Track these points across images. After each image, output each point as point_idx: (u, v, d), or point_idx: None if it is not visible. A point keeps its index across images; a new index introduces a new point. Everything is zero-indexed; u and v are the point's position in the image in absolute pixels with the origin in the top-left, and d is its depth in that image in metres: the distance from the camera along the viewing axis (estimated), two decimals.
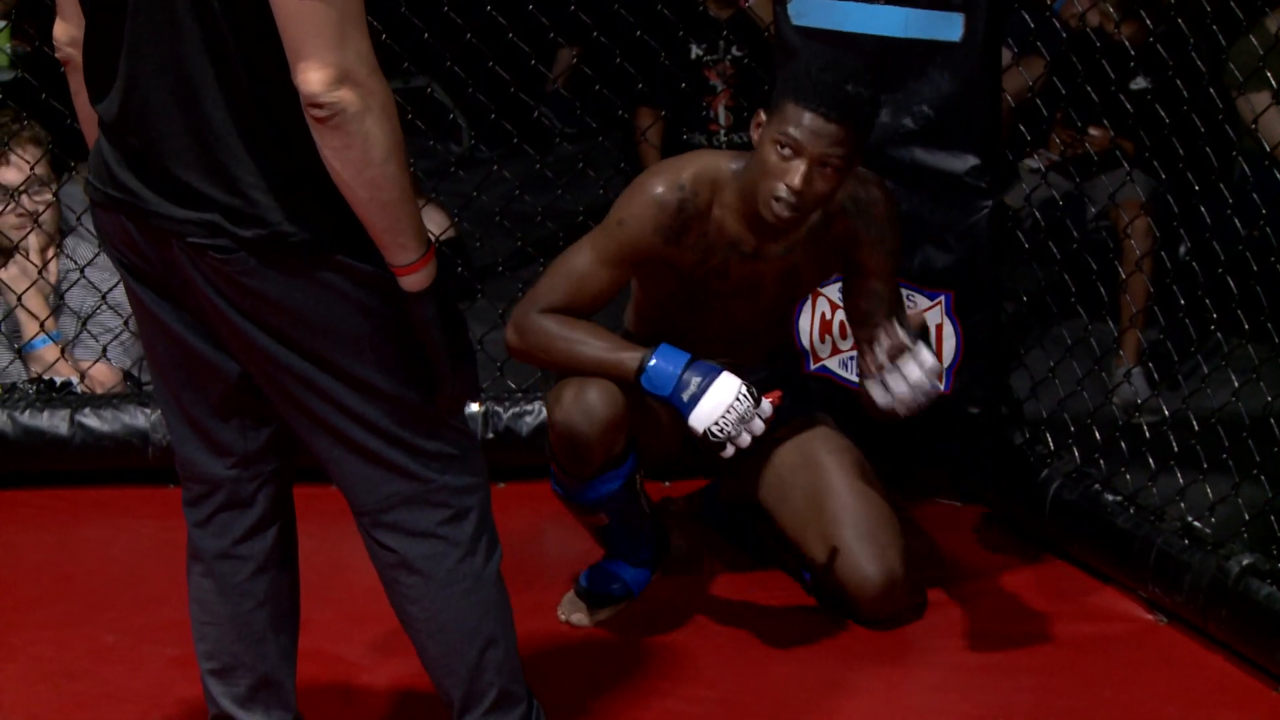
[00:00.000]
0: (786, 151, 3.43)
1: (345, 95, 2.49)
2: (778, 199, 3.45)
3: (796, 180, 3.42)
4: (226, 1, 2.53)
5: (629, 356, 3.52)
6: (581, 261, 3.60)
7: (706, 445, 3.48)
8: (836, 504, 3.80)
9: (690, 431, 3.49)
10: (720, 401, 3.44)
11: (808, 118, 3.40)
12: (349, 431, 2.76)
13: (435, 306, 2.67)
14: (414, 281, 2.65)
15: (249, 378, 2.81)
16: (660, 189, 3.57)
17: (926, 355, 3.50)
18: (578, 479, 3.66)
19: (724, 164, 3.61)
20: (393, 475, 2.80)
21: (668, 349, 3.51)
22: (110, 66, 2.65)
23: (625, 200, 3.61)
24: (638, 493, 3.74)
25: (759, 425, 3.46)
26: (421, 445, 2.80)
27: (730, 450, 3.47)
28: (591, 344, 3.55)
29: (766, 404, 3.47)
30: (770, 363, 3.91)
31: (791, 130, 3.41)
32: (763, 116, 3.49)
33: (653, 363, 3.50)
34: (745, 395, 3.45)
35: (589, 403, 3.55)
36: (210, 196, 2.61)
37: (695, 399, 3.46)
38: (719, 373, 3.47)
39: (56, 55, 2.82)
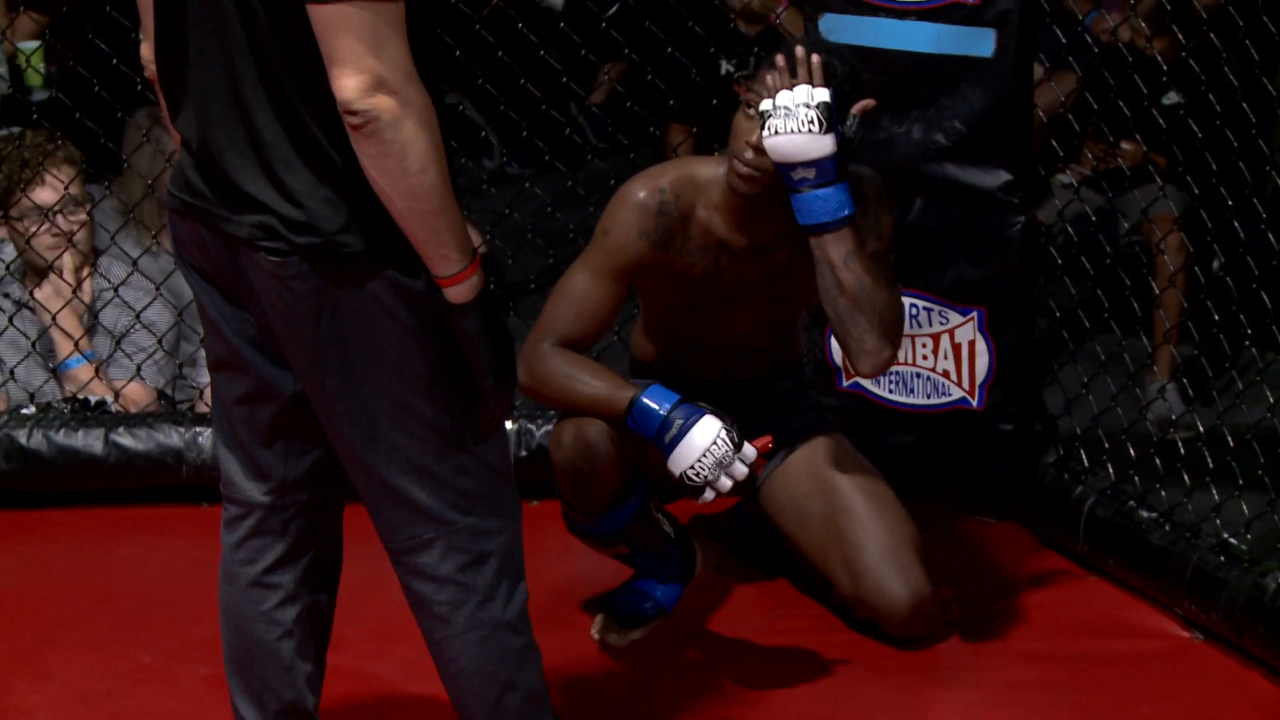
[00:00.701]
0: (751, 111, 3.46)
1: (380, 102, 2.49)
2: (737, 158, 3.48)
3: (755, 135, 3.45)
4: (271, 12, 2.55)
5: (621, 396, 3.50)
6: (577, 281, 3.61)
7: (685, 489, 3.46)
8: (856, 527, 3.78)
9: (669, 474, 3.46)
10: (698, 445, 3.40)
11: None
12: (375, 464, 2.75)
13: (480, 319, 2.67)
14: (458, 293, 2.65)
15: (302, 399, 2.81)
16: (641, 194, 3.60)
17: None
18: (589, 516, 3.66)
19: (706, 167, 3.63)
20: (415, 518, 2.79)
21: (658, 389, 3.49)
22: (179, 80, 2.68)
23: (609, 211, 3.63)
24: (654, 519, 3.73)
25: (740, 470, 3.42)
26: (450, 481, 2.78)
27: (709, 495, 3.44)
28: (590, 384, 3.53)
29: (749, 449, 3.43)
30: (785, 375, 3.91)
31: (755, 87, 3.45)
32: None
33: (640, 403, 3.47)
34: (725, 439, 3.41)
35: (588, 441, 3.54)
36: (268, 205, 2.63)
37: (675, 440, 3.42)
38: (702, 415, 3.43)
39: (145, 74, 2.84)
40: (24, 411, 4.54)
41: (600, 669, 3.72)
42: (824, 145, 3.37)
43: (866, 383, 4.31)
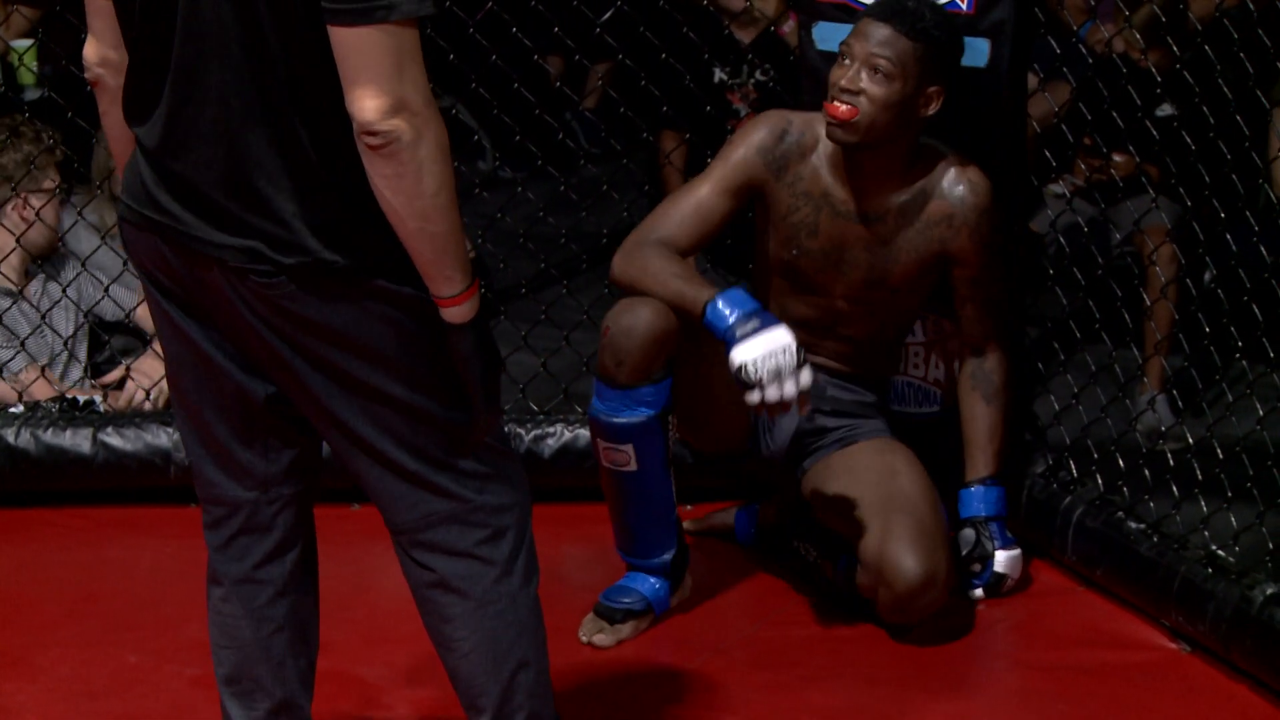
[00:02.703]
0: (846, 61, 3.70)
1: (399, 124, 2.51)
2: (831, 100, 3.68)
3: (844, 79, 3.67)
4: (283, 33, 2.55)
5: (705, 293, 3.59)
6: (693, 187, 3.83)
7: (738, 382, 3.49)
8: (903, 499, 3.84)
9: (728, 363, 3.50)
10: (768, 347, 3.48)
11: (862, 22, 3.71)
12: (387, 452, 2.77)
13: (474, 340, 2.69)
14: (456, 314, 2.67)
15: (276, 400, 2.81)
16: (771, 119, 3.87)
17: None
18: (613, 385, 3.71)
19: None
20: (431, 495, 2.80)
21: (737, 292, 3.58)
22: (154, 92, 2.66)
23: (738, 131, 3.87)
24: (667, 444, 3.78)
25: (790, 390, 3.49)
26: (460, 464, 2.80)
27: (755, 397, 3.48)
28: (676, 279, 3.67)
29: (807, 376, 3.50)
30: (867, 388, 4.02)
31: (849, 37, 3.70)
32: None
33: (720, 300, 3.56)
34: (793, 354, 3.49)
35: (637, 312, 3.68)
36: (251, 224, 2.62)
37: (749, 335, 3.50)
38: (779, 325, 3.52)
39: (85, 75, 2.82)
40: (12, 410, 4.53)
41: (589, 674, 3.71)
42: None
43: None
